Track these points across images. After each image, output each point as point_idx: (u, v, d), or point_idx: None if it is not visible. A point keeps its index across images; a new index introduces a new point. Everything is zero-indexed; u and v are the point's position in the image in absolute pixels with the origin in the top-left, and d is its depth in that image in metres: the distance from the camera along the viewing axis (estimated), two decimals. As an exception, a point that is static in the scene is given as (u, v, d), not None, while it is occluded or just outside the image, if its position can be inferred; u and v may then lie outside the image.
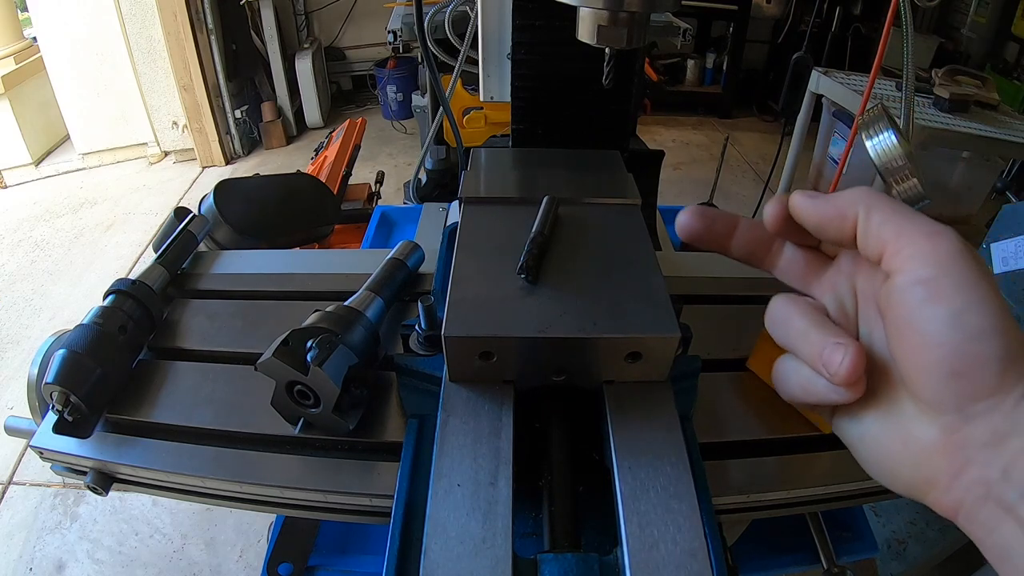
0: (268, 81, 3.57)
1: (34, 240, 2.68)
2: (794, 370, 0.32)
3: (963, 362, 0.26)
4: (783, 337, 0.33)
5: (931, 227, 0.28)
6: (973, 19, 3.04)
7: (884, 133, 0.56)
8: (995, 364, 0.25)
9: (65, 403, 0.47)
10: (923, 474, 0.28)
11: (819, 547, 0.64)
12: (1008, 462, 0.25)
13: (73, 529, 1.52)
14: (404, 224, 1.07)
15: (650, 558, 0.33)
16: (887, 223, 0.29)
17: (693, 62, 3.90)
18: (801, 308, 0.32)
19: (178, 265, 0.66)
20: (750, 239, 0.36)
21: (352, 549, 0.63)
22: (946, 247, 0.27)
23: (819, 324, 0.31)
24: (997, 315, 0.26)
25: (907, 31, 0.84)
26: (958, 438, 0.27)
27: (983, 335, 0.26)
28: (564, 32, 0.53)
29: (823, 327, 0.31)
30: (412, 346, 0.53)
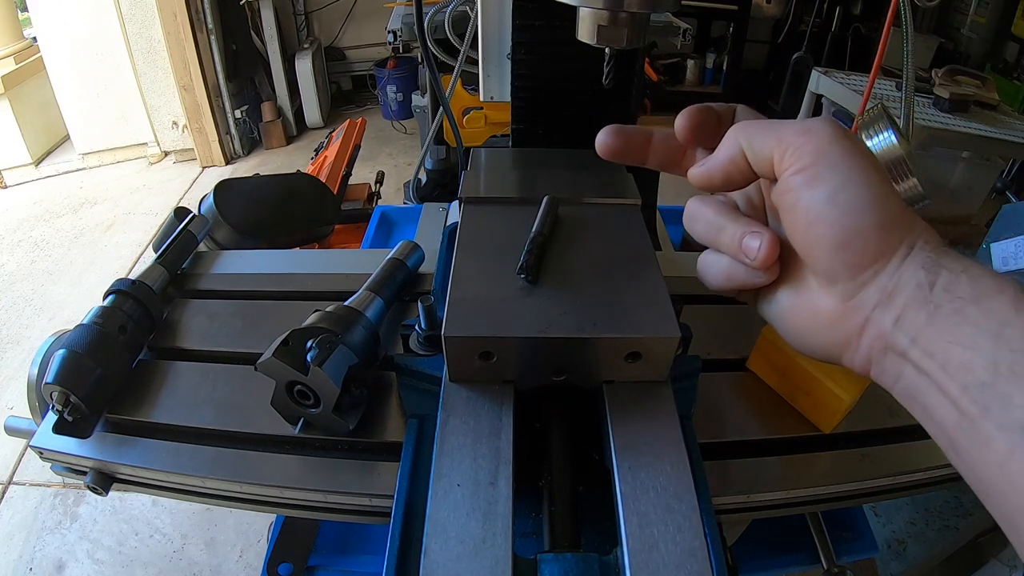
0: (268, 81, 3.57)
1: (34, 240, 2.68)
2: (715, 262, 0.36)
3: (844, 235, 0.29)
4: (702, 233, 0.36)
5: (804, 125, 0.31)
6: (973, 19, 3.04)
7: (884, 133, 0.56)
8: (873, 232, 0.29)
9: (65, 403, 0.47)
10: (833, 339, 0.31)
11: (819, 547, 0.64)
12: (898, 314, 0.28)
13: (73, 529, 1.52)
14: (404, 224, 1.07)
15: (650, 558, 0.33)
16: (765, 139, 0.32)
17: (693, 62, 3.90)
18: (715, 205, 0.36)
19: (178, 265, 0.66)
20: (664, 149, 0.40)
21: (352, 549, 0.63)
22: (819, 138, 0.30)
23: (734, 217, 0.34)
24: (872, 189, 0.29)
25: (907, 31, 0.84)
26: (854, 302, 0.30)
27: (859, 209, 0.29)
28: (564, 32, 0.53)
29: (738, 219, 0.34)
30: (412, 346, 0.53)
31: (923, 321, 0.27)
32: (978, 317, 0.25)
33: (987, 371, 0.24)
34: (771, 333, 0.52)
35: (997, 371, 0.24)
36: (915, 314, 0.28)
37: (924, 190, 0.55)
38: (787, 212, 0.32)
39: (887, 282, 0.29)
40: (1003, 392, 0.24)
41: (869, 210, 0.29)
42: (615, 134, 0.41)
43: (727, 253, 0.35)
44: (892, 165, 0.56)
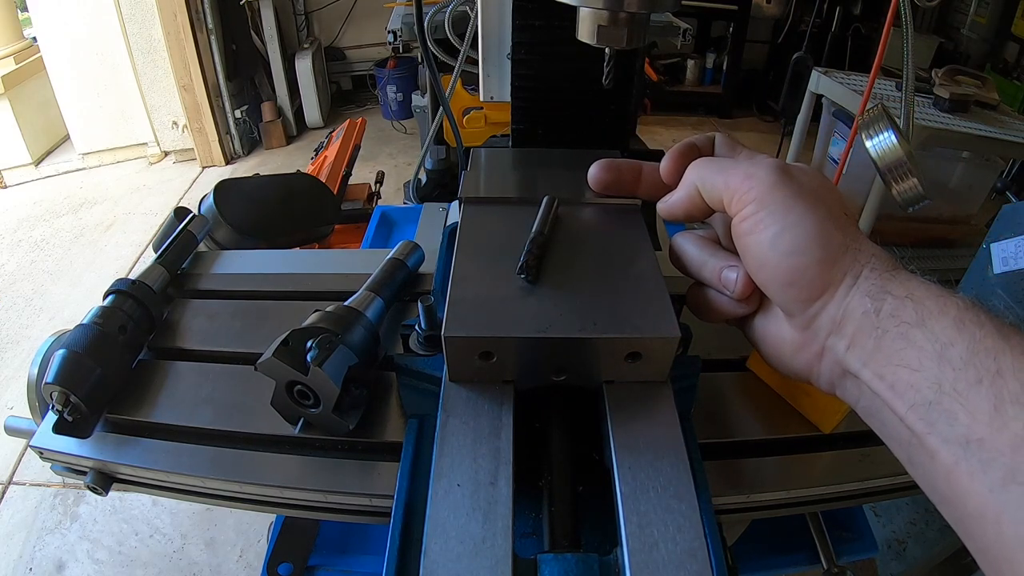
0: (268, 81, 3.57)
1: (34, 240, 2.68)
2: (701, 294, 0.39)
3: (788, 275, 0.32)
4: (687, 268, 0.40)
5: (747, 170, 0.34)
6: (973, 19, 3.04)
7: (884, 133, 0.56)
8: (815, 269, 0.31)
9: (65, 403, 0.47)
10: (799, 363, 0.34)
11: (819, 547, 0.64)
12: (849, 341, 0.30)
13: (73, 529, 1.52)
14: (404, 224, 1.07)
15: (650, 558, 0.33)
16: (715, 184, 0.35)
17: (693, 62, 3.90)
18: (697, 241, 0.39)
19: (178, 265, 0.66)
20: (653, 182, 0.44)
21: (352, 549, 0.63)
22: (760, 185, 0.33)
23: (713, 252, 0.38)
24: (810, 229, 0.31)
25: (907, 31, 0.84)
26: (810, 332, 0.33)
27: (799, 250, 0.31)
28: (564, 32, 0.53)
29: (716, 253, 0.38)
30: (412, 346, 0.53)
31: (872, 346, 0.29)
32: (922, 340, 0.27)
33: (932, 390, 0.26)
34: (771, 333, 0.52)
35: (941, 390, 0.26)
36: (864, 340, 0.30)
37: (924, 190, 0.55)
38: (741, 254, 0.34)
39: (835, 312, 0.31)
40: (947, 409, 0.25)
41: (808, 250, 0.31)
42: (606, 169, 0.45)
43: (710, 285, 0.38)
44: (892, 165, 0.56)
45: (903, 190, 0.56)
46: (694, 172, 0.37)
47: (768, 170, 0.33)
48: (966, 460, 0.24)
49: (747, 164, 0.35)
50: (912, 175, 0.55)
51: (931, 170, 2.01)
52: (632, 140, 0.77)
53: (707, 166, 0.37)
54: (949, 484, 0.25)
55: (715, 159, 0.38)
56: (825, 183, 0.34)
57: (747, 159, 0.37)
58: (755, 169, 0.33)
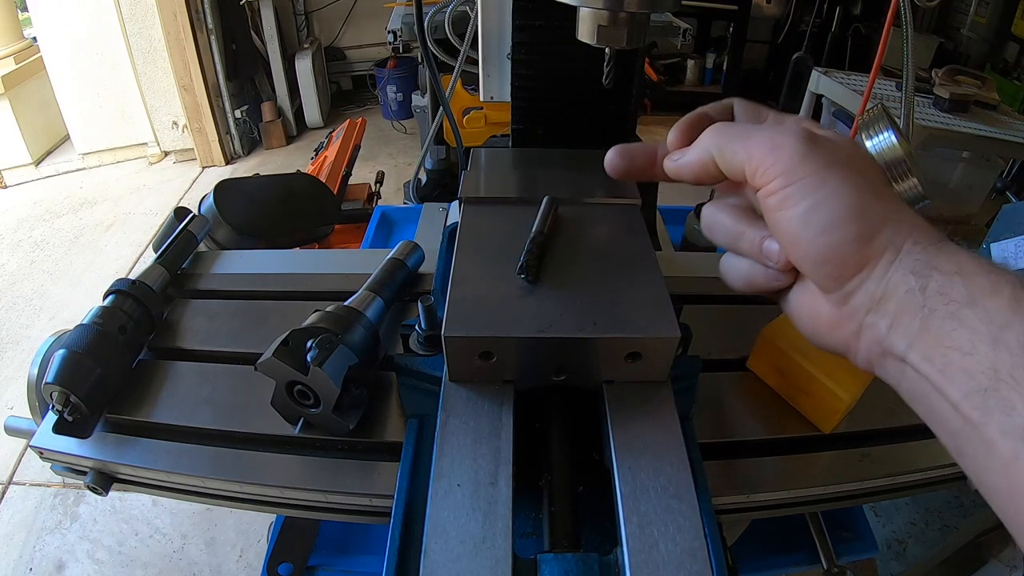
0: (268, 81, 3.56)
1: (34, 240, 2.68)
2: (735, 265, 0.36)
3: (822, 252, 0.30)
4: (722, 239, 0.37)
5: (772, 140, 0.31)
6: (973, 19, 3.04)
7: (884, 133, 0.56)
8: (851, 246, 0.29)
9: (65, 403, 0.47)
10: (836, 340, 0.32)
11: (819, 547, 0.64)
12: (891, 320, 0.28)
13: (73, 529, 1.52)
14: (404, 224, 1.07)
15: (650, 558, 0.33)
16: (735, 153, 0.32)
17: (693, 62, 3.90)
18: (731, 211, 0.36)
19: (178, 265, 0.66)
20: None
21: (352, 549, 0.63)
22: (787, 156, 0.30)
23: (751, 222, 0.35)
24: (845, 201, 0.29)
25: (907, 31, 0.84)
26: (847, 310, 0.30)
27: (833, 225, 0.29)
28: (564, 32, 0.53)
29: (755, 223, 0.35)
30: (412, 346, 0.53)
31: (918, 327, 0.27)
32: (974, 320, 0.25)
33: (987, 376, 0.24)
34: (771, 333, 0.52)
35: (998, 376, 0.24)
36: (909, 320, 0.27)
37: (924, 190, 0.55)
38: (771, 229, 0.32)
39: (875, 289, 0.29)
40: (1005, 398, 0.23)
41: (844, 225, 0.29)
42: (620, 155, 0.41)
43: (749, 256, 0.35)
44: (892, 165, 0.56)
45: (903, 190, 0.56)
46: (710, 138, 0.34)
47: (796, 139, 0.31)
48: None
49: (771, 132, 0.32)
50: (912, 175, 0.55)
51: (931, 170, 2.01)
52: (632, 140, 0.76)
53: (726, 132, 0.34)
54: (1007, 477, 0.24)
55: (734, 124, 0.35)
56: (858, 150, 0.32)
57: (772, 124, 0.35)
58: (781, 138, 0.31)
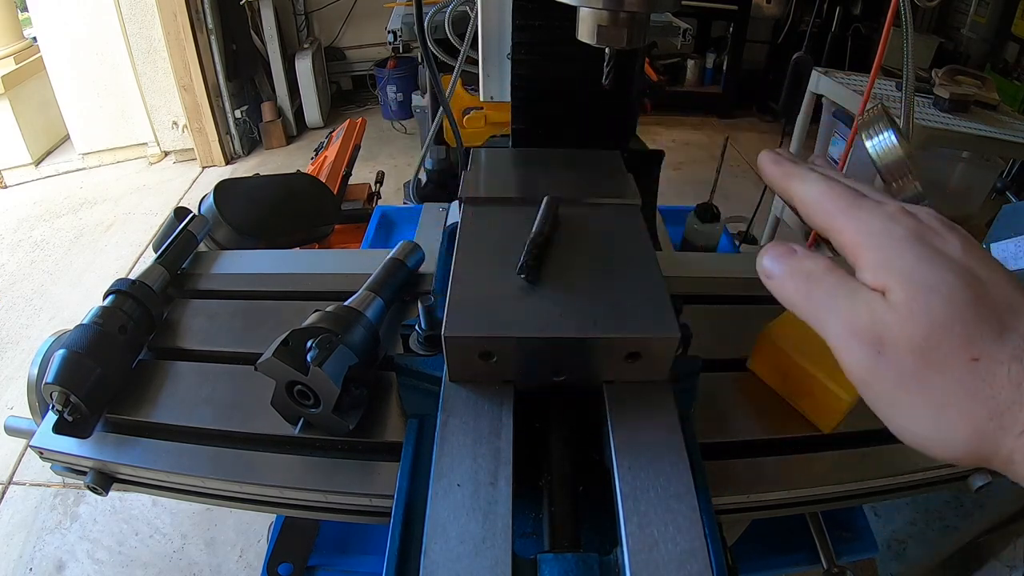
0: (268, 81, 3.57)
1: (34, 240, 2.68)
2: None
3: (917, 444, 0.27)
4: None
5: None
6: (973, 19, 3.04)
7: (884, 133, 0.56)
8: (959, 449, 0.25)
9: (65, 403, 0.47)
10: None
11: (819, 547, 0.64)
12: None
13: (73, 529, 1.52)
14: (404, 224, 1.07)
15: (650, 558, 0.33)
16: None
17: (693, 62, 3.90)
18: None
19: (178, 265, 0.66)
20: None
21: (352, 549, 0.63)
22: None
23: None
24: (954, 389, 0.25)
25: (907, 31, 0.84)
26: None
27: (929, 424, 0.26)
28: (564, 32, 0.53)
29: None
30: (412, 346, 0.53)
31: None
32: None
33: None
34: (771, 333, 0.52)
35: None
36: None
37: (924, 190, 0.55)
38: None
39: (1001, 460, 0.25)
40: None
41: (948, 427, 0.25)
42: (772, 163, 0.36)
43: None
44: (892, 165, 0.56)
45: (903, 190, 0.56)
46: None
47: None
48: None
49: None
50: (912, 175, 0.55)
51: (931, 170, 2.01)
52: (632, 140, 0.77)
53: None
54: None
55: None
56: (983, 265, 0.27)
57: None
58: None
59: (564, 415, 0.45)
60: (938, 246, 0.28)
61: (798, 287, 0.30)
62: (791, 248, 0.31)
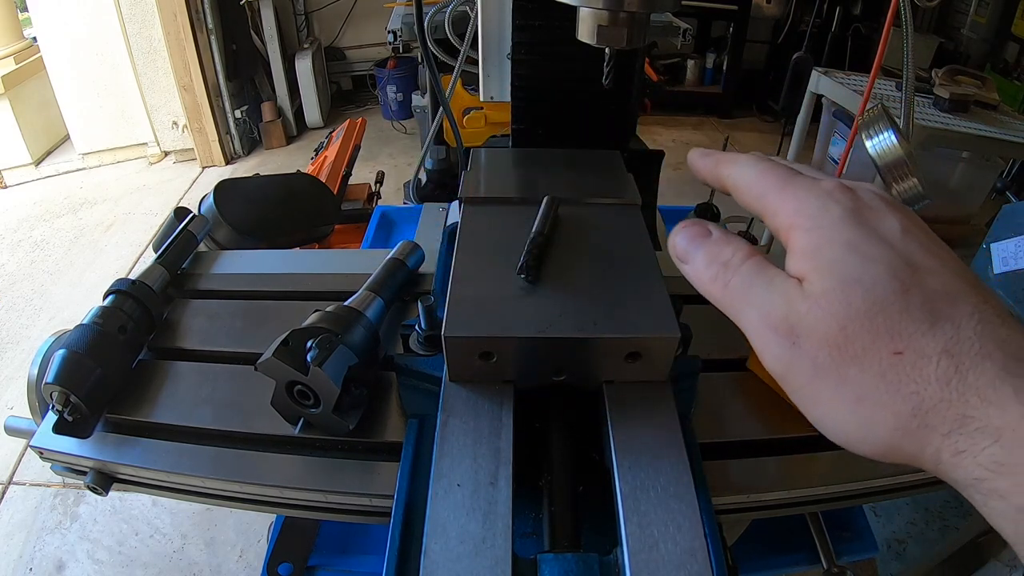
0: (268, 81, 3.57)
1: (34, 240, 2.68)
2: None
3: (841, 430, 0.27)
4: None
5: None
6: (973, 19, 3.04)
7: (884, 133, 0.56)
8: (884, 438, 0.25)
9: (65, 403, 0.47)
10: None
11: (819, 547, 0.64)
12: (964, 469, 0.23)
13: (73, 529, 1.52)
14: (404, 224, 1.07)
15: (650, 558, 0.33)
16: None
17: (693, 62, 3.90)
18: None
19: (178, 265, 0.66)
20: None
21: (352, 549, 0.63)
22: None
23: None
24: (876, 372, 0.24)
25: (907, 31, 0.84)
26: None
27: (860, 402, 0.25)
28: (564, 32, 0.53)
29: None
30: (412, 346, 0.53)
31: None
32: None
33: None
34: (771, 333, 0.52)
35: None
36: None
37: (924, 190, 0.55)
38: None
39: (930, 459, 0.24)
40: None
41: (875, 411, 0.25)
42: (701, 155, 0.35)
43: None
44: (892, 165, 0.56)
45: (903, 190, 0.56)
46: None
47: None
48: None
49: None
50: (912, 175, 0.55)
51: (931, 170, 2.01)
52: (632, 140, 0.77)
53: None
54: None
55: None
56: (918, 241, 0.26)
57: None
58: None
59: (564, 415, 0.45)
60: (875, 226, 0.26)
61: (715, 276, 0.29)
62: (706, 229, 0.30)
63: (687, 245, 0.30)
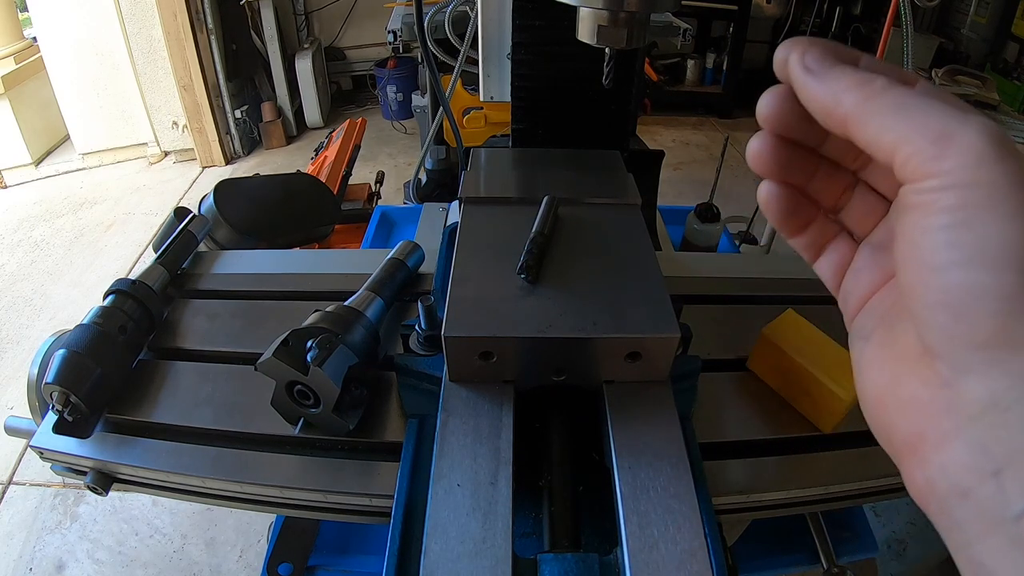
0: (268, 81, 3.57)
1: (34, 240, 2.68)
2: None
3: (951, 294, 0.19)
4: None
5: (943, 125, 0.20)
6: (973, 19, 3.04)
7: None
8: (992, 303, 0.19)
9: (65, 403, 0.47)
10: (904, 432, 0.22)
11: (819, 547, 0.64)
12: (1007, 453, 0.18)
13: (73, 529, 1.52)
14: (404, 224, 1.07)
15: (650, 558, 0.33)
16: (887, 128, 0.21)
17: (693, 62, 3.90)
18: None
19: (178, 265, 0.66)
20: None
21: (352, 549, 0.63)
22: (958, 153, 0.20)
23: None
24: (1011, 239, 0.19)
25: (907, 31, 0.84)
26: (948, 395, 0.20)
27: (979, 261, 0.19)
28: (564, 32, 0.53)
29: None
30: (412, 346, 0.53)
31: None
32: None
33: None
34: (771, 333, 0.52)
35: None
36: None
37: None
38: (898, 241, 0.22)
39: (1002, 388, 0.19)
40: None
41: (994, 267, 0.19)
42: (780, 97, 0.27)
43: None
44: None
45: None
46: (856, 93, 0.22)
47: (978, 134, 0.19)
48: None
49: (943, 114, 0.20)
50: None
51: (931, 170, 2.00)
52: (632, 140, 0.77)
53: (880, 93, 0.21)
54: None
55: (891, 84, 0.21)
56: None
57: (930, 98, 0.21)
58: (957, 126, 0.19)
59: (564, 415, 0.45)
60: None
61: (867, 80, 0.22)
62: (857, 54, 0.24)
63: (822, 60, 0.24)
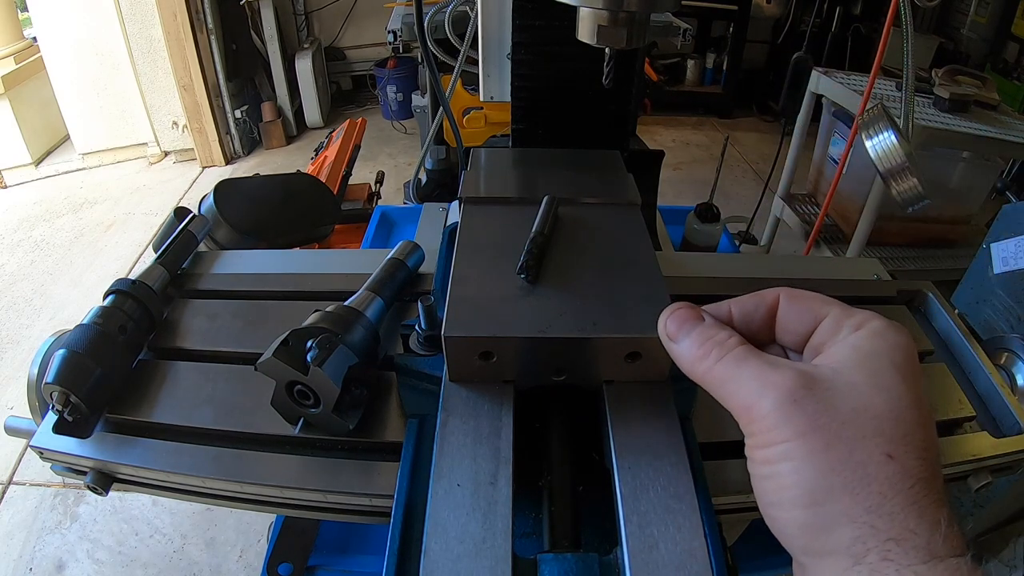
0: (268, 81, 3.57)
1: (34, 240, 2.68)
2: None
3: (775, 524, 0.30)
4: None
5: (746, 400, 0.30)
6: (973, 19, 3.04)
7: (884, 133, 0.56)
8: (800, 532, 0.28)
9: (65, 403, 0.47)
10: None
11: (819, 547, 0.64)
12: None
13: (73, 529, 1.52)
14: (404, 224, 1.07)
15: (650, 558, 0.33)
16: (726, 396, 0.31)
17: (693, 62, 3.90)
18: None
19: (178, 265, 0.66)
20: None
21: (352, 549, 0.63)
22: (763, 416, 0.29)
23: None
24: (801, 484, 0.27)
25: (907, 31, 0.84)
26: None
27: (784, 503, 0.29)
28: (564, 32, 0.53)
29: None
30: (412, 346, 0.53)
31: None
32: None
33: None
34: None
35: None
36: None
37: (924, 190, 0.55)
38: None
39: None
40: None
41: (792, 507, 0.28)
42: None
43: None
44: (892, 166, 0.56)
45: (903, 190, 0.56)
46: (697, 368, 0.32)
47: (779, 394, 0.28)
48: None
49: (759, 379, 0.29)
50: (912, 175, 0.55)
51: (931, 170, 2.01)
52: (632, 140, 0.77)
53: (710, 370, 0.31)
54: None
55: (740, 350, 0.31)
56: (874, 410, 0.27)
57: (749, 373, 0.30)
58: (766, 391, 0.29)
59: (564, 415, 0.45)
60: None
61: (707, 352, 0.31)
62: (699, 314, 0.33)
63: (678, 327, 0.33)
